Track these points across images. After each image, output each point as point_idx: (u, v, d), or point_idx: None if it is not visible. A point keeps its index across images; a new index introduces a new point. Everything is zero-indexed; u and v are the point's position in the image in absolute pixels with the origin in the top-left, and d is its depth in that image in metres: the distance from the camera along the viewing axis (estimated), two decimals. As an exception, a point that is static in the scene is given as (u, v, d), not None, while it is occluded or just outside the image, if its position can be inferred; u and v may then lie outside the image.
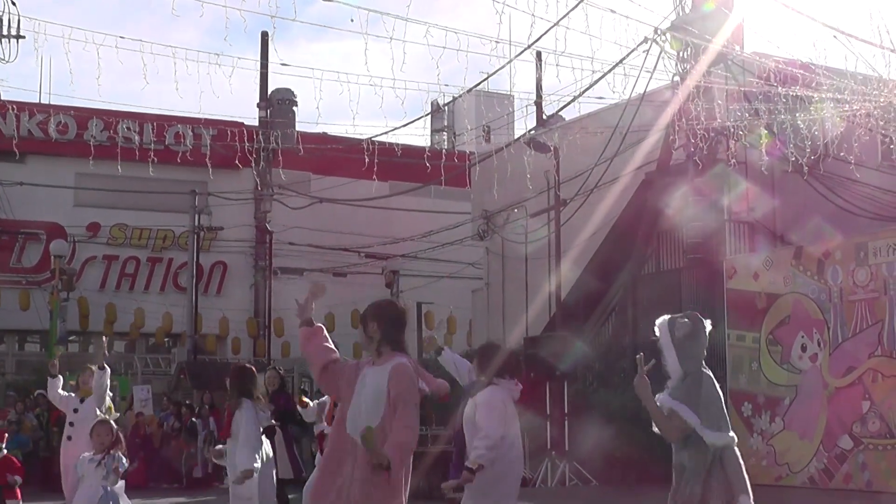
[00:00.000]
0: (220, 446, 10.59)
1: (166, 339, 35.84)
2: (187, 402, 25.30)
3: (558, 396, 17.33)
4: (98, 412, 12.00)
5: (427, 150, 20.90)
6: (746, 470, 6.73)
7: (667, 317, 6.82)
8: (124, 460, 9.34)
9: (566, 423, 17.09)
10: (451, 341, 34.44)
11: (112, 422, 9.50)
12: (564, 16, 14.92)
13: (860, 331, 15.02)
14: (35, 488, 18.25)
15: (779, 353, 16.19)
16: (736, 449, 6.76)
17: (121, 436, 9.51)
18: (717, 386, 6.74)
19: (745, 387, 16.55)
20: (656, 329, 6.83)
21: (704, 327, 6.84)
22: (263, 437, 10.35)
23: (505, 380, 8.82)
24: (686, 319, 6.79)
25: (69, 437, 12.77)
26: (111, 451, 9.25)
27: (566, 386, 17.37)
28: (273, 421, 11.61)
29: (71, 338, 34.69)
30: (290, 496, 13.09)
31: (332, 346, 6.66)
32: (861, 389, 14.87)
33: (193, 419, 24.21)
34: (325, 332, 6.72)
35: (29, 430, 22.18)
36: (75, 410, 12.85)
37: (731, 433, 6.77)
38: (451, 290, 34.39)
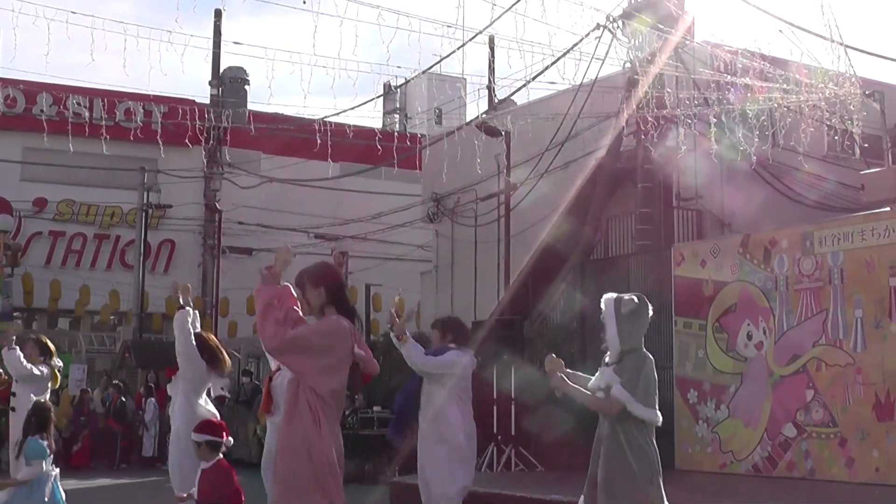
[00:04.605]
0: None
1: (112, 318, 35.56)
2: (115, 381, 25.13)
3: (505, 381, 17.30)
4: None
5: (378, 132, 20.83)
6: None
7: (613, 294, 7.12)
8: (45, 445, 9.12)
9: (513, 407, 17.07)
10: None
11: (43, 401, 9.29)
12: (518, 0, 14.91)
13: (805, 319, 15.16)
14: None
15: (725, 341, 16.30)
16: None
17: (49, 416, 9.28)
18: (654, 370, 7.06)
19: (690, 374, 16.64)
20: (602, 304, 7.11)
21: (648, 308, 7.14)
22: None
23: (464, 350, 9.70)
24: (633, 298, 7.08)
25: (13, 409, 12.65)
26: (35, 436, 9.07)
27: (513, 371, 17.34)
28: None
29: (15, 314, 34.32)
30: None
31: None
32: (805, 378, 15.01)
33: (122, 398, 24.10)
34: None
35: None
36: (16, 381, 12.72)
37: (658, 414, 7.03)
38: (401, 273, 34.34)
